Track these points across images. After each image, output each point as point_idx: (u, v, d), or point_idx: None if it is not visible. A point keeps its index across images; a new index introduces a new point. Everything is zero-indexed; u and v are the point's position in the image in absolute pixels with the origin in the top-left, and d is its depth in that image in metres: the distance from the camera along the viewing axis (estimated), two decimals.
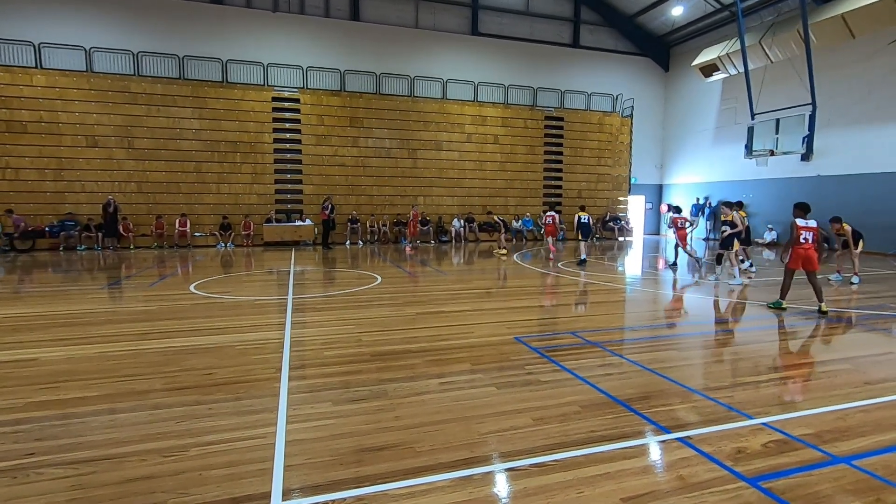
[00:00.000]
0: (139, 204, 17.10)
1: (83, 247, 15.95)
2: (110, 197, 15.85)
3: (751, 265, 11.35)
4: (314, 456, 2.96)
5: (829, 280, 10.10)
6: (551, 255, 14.20)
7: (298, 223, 18.10)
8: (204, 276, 10.37)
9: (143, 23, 17.23)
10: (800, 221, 7.15)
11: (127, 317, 6.69)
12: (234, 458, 2.92)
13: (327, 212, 17.03)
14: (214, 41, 17.99)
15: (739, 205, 10.73)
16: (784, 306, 7.37)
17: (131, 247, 16.50)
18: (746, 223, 10.61)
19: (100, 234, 16.03)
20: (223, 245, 17.28)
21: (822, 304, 7.15)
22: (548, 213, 14.81)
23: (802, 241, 7.13)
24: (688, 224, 11.76)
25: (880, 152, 15.52)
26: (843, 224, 10.14)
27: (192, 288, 8.91)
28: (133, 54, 17.07)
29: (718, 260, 10.45)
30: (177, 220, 16.93)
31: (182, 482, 2.67)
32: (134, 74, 17.13)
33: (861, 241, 10.13)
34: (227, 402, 3.75)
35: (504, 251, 15.55)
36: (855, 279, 10.00)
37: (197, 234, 17.39)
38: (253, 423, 3.41)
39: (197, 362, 4.71)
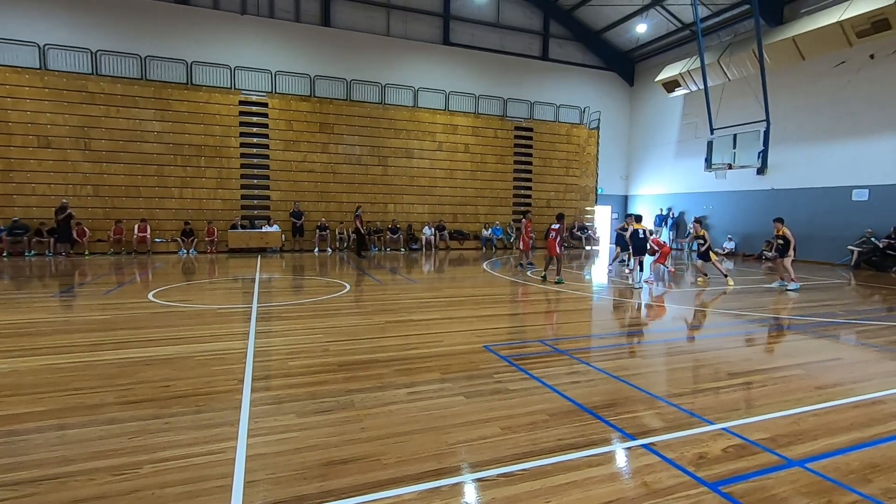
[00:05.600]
0: (95, 208, 16.37)
1: (32, 252, 15.14)
2: (64, 200, 15.11)
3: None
4: (277, 470, 2.86)
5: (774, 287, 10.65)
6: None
7: (266, 229, 17.70)
8: (164, 284, 9.99)
9: (102, 20, 16.62)
10: (553, 226, 10.73)
11: (79, 326, 6.36)
12: (192, 475, 2.80)
13: (358, 221, 16.52)
14: (179, 42, 17.50)
15: (639, 218, 11.34)
16: (558, 279, 10.75)
17: (86, 253, 15.76)
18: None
19: (52, 240, 15.24)
20: (185, 252, 16.71)
21: (547, 276, 10.90)
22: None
23: (549, 237, 10.76)
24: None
25: (828, 168, 16.42)
26: (784, 226, 10.61)
27: (150, 296, 8.56)
28: (91, 53, 16.42)
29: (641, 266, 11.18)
30: (136, 226, 16.29)
31: (134, 502, 2.53)
32: (92, 73, 16.47)
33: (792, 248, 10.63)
34: (186, 416, 3.60)
35: (703, 278, 11.86)
36: (791, 286, 10.50)
37: (157, 240, 16.77)
38: (212, 437, 3.28)
39: (153, 374, 4.51)
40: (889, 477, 2.91)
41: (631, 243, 11.14)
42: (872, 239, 14.86)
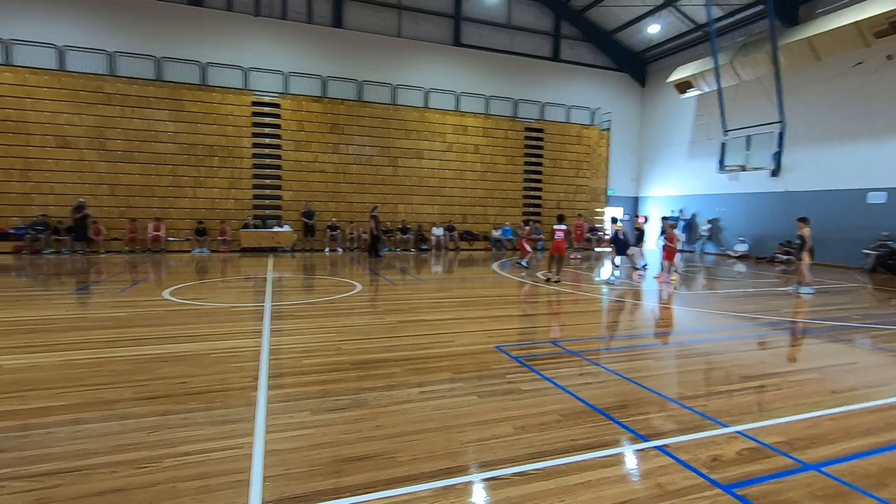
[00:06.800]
0: (111, 207, 16.62)
1: (50, 250, 15.40)
2: (81, 199, 15.37)
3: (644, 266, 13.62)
4: (292, 466, 2.90)
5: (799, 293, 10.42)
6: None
7: (277, 229, 17.85)
8: (178, 282, 10.12)
9: (118, 22, 16.88)
10: (555, 226, 11.07)
11: (95, 323, 6.47)
12: (210, 470, 2.84)
13: (374, 221, 16.60)
14: (193, 43, 17.72)
15: (614, 220, 13.06)
16: (557, 279, 11.01)
17: (102, 251, 16.00)
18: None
19: (69, 238, 15.50)
20: (198, 250, 16.90)
21: (552, 276, 11.02)
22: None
23: (557, 237, 10.96)
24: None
25: (844, 170, 16.18)
26: (806, 227, 10.42)
27: (165, 294, 8.68)
28: (108, 54, 16.69)
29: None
30: (150, 225, 16.51)
31: (154, 495, 2.58)
32: (108, 74, 16.73)
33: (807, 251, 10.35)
34: (202, 412, 3.65)
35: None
36: (803, 289, 10.28)
37: (171, 238, 16.98)
38: (229, 433, 3.33)
39: (170, 371, 4.58)
40: None
41: (614, 244, 11.94)
42: (889, 242, 14.63)
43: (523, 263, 14.00)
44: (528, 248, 14.17)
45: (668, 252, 11.69)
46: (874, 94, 15.37)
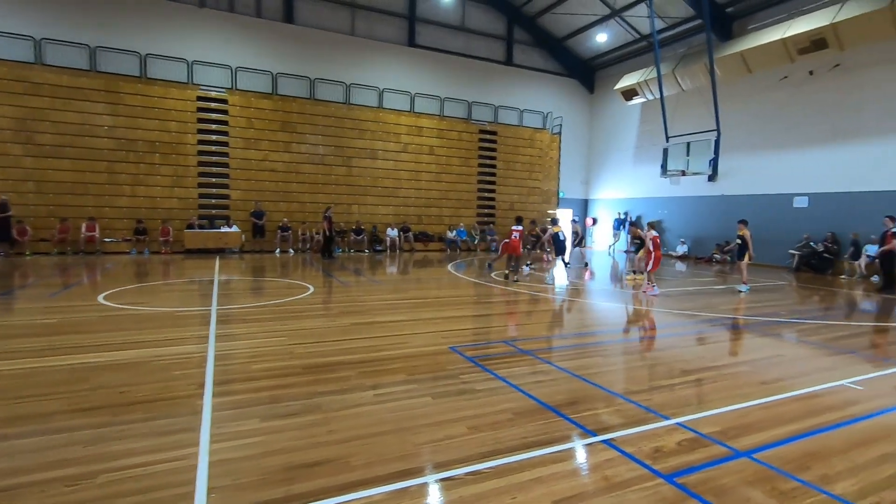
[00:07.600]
0: (38, 206, 15.42)
1: None
2: (3, 197, 14.18)
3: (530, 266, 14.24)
4: (241, 476, 2.82)
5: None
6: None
7: (224, 229, 17.17)
8: (115, 286, 9.54)
9: (45, 6, 15.69)
10: (513, 227, 11.44)
11: (23, 331, 6.01)
12: (151, 484, 2.71)
13: (327, 222, 16.33)
14: (132, 33, 16.75)
15: (555, 221, 13.79)
16: (515, 279, 11.51)
17: (28, 253, 14.83)
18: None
19: None
20: (136, 252, 16.00)
21: (511, 276, 11.61)
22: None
23: (513, 237, 11.38)
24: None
25: (773, 176, 17.42)
26: (745, 229, 11.10)
27: (100, 298, 8.16)
28: (35, 41, 15.50)
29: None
30: (84, 225, 15.45)
31: None
32: (35, 63, 15.54)
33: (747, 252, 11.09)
34: (143, 423, 3.47)
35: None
36: (739, 287, 11.08)
37: (107, 239, 15.97)
38: (172, 444, 3.18)
39: (107, 380, 4.32)
40: (825, 464, 3.15)
41: (553, 244, 12.39)
42: (811, 243, 15.87)
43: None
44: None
45: (653, 258, 10.36)
46: (798, 107, 16.64)
